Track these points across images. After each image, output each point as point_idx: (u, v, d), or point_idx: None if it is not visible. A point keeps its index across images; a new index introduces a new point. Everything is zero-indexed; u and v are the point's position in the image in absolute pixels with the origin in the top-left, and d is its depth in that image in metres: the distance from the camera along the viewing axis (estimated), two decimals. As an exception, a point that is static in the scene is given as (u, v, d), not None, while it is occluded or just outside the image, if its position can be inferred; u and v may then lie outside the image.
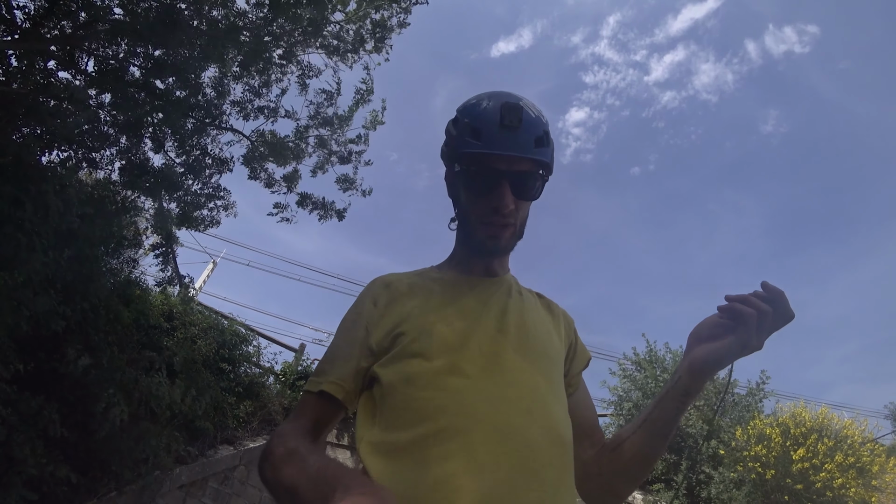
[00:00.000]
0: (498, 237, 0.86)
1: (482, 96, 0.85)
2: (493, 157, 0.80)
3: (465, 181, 0.86)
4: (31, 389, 3.39)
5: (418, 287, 0.87)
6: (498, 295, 0.86)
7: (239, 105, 5.66)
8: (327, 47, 5.55)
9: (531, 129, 0.80)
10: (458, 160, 0.85)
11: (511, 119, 0.78)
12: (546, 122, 0.84)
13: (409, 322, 0.79)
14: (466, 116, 0.84)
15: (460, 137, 0.83)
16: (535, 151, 0.80)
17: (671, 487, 6.93)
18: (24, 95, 4.14)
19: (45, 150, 4.29)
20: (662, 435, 0.79)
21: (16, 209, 3.30)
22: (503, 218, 0.83)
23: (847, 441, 6.76)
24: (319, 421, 0.79)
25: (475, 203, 0.85)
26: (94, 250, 3.96)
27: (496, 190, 0.81)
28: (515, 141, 0.79)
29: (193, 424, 4.69)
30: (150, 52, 4.77)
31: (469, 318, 0.80)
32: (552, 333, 0.87)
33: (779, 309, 0.72)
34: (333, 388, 0.78)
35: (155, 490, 4.19)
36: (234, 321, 6.58)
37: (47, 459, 3.33)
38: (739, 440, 7.02)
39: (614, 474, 0.83)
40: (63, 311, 3.59)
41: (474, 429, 0.66)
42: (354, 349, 0.81)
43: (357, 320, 0.84)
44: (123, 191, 4.89)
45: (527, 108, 0.81)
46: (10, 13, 4.15)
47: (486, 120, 0.80)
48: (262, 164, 5.99)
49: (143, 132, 4.91)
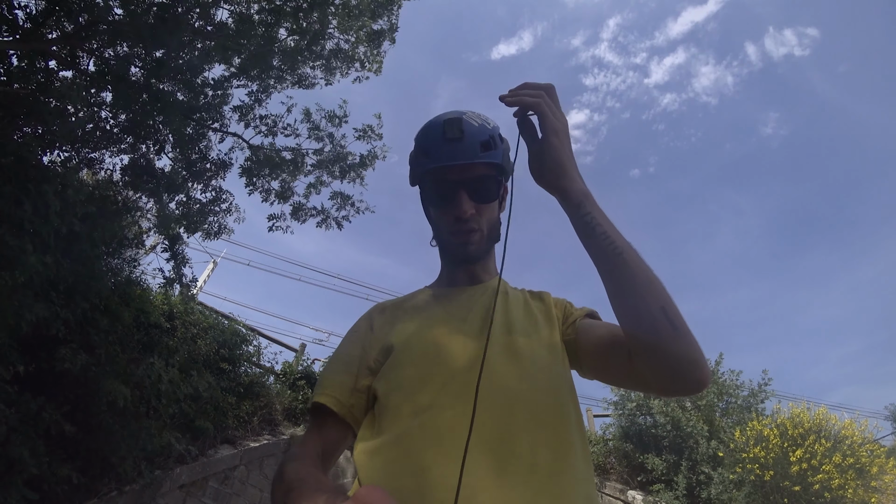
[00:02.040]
0: (467, 243, 0.89)
1: (427, 122, 0.91)
2: (443, 169, 0.85)
3: (428, 198, 0.92)
4: (31, 390, 3.39)
5: (409, 307, 0.92)
6: (483, 299, 0.88)
7: (239, 111, 5.68)
8: (324, 59, 5.61)
9: (475, 136, 0.85)
10: (419, 180, 0.92)
11: (452, 132, 0.84)
12: (493, 127, 0.88)
13: (398, 336, 0.83)
14: (417, 140, 0.91)
15: (415, 160, 0.90)
16: (483, 155, 0.84)
17: (671, 488, 6.94)
18: (25, 95, 4.14)
19: (45, 150, 4.30)
20: (591, 244, 0.73)
21: (16, 209, 3.31)
22: (466, 224, 0.87)
23: (846, 442, 6.75)
24: (326, 441, 0.79)
25: (440, 216, 0.90)
26: (95, 250, 3.96)
27: (453, 199, 0.86)
28: (461, 150, 0.84)
29: (194, 424, 4.69)
30: (151, 52, 4.78)
31: (452, 323, 0.82)
32: (539, 321, 0.87)
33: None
34: (328, 400, 0.79)
35: (155, 490, 4.19)
36: (234, 321, 6.59)
37: (48, 459, 3.33)
38: (738, 441, 7.02)
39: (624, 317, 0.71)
40: (63, 315, 3.59)
41: (457, 425, 0.66)
42: (352, 366, 0.83)
43: (354, 341, 0.88)
44: (125, 191, 4.90)
45: (468, 119, 0.86)
46: (12, 13, 4.15)
47: (431, 137, 0.87)
48: (259, 175, 6.03)
49: (144, 133, 4.92)
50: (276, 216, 6.22)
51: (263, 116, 5.82)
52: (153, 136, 4.92)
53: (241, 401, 5.60)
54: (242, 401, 5.63)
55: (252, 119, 5.78)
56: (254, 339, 6.68)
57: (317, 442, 0.79)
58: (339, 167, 6.23)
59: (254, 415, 5.73)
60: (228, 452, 5.04)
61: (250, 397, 5.81)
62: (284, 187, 6.19)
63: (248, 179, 6.00)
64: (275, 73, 5.50)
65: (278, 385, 6.66)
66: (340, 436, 0.80)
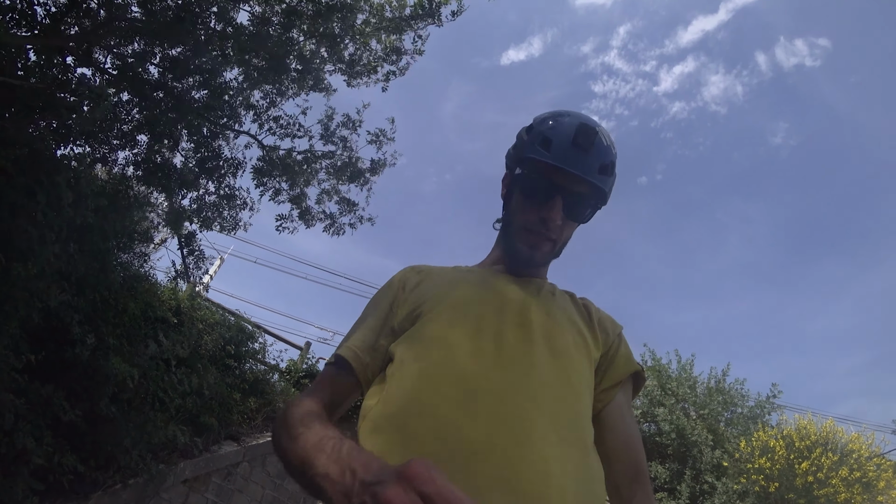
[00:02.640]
0: (537, 248, 0.86)
1: (562, 112, 0.87)
2: (556, 170, 0.81)
3: (523, 186, 0.87)
4: (40, 379, 3.43)
5: (448, 277, 0.88)
6: (527, 290, 0.85)
7: (254, 109, 5.73)
8: (342, 65, 5.64)
9: (600, 155, 0.81)
10: (522, 164, 0.87)
11: (584, 140, 0.80)
12: (615, 154, 0.85)
13: (429, 304, 0.80)
14: (542, 126, 0.86)
15: (531, 144, 0.85)
16: (598, 178, 0.82)
17: (675, 497, 6.88)
18: (42, 90, 4.21)
19: (60, 144, 4.35)
20: None
21: (29, 200, 3.35)
22: (548, 231, 0.84)
23: (853, 455, 6.67)
24: (334, 393, 0.79)
25: (525, 210, 0.87)
26: (106, 243, 4.01)
27: (549, 202, 0.83)
28: (583, 161, 0.80)
29: (198, 419, 4.71)
30: (167, 51, 4.83)
31: (490, 306, 0.79)
32: (583, 334, 0.84)
33: None
34: (347, 353, 0.79)
35: (158, 484, 4.21)
36: (240, 318, 6.62)
37: (54, 448, 3.36)
38: (743, 451, 6.95)
39: None
40: (76, 304, 3.64)
41: (476, 412, 0.64)
42: (378, 323, 0.82)
43: (384, 298, 0.86)
44: (137, 185, 4.95)
45: (601, 135, 0.82)
46: (31, 9, 4.22)
47: (560, 134, 0.82)
48: (271, 176, 6.07)
49: (159, 130, 4.98)
50: (284, 216, 6.26)
51: (277, 117, 5.86)
52: (168, 134, 4.97)
53: (245, 397, 5.62)
54: (247, 397, 5.65)
55: (266, 120, 5.82)
56: (259, 336, 6.71)
57: (327, 391, 0.78)
58: (350, 172, 6.27)
59: (258, 412, 5.75)
60: (232, 449, 5.06)
61: (255, 394, 5.83)
62: (298, 193, 6.24)
63: (258, 180, 6.05)
64: (291, 77, 5.54)
65: (283, 383, 6.68)
66: (350, 392, 0.80)
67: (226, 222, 5.83)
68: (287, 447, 0.63)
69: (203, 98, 5.09)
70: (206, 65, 4.81)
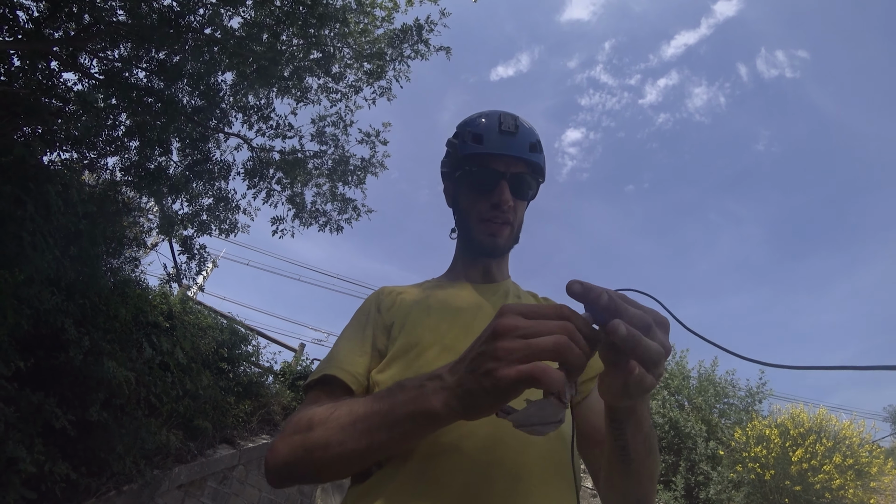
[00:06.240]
0: (496, 235, 0.90)
1: (479, 112, 0.94)
2: (493, 157, 0.88)
3: (467, 182, 0.92)
4: (31, 386, 3.40)
5: (417, 296, 0.90)
6: (494, 299, 0.88)
7: (243, 111, 5.70)
8: (333, 76, 5.64)
9: (526, 136, 0.89)
10: (460, 164, 0.92)
11: (508, 125, 0.87)
12: (538, 135, 0.92)
13: (405, 328, 0.81)
14: (468, 127, 0.92)
15: (463, 143, 0.91)
16: (532, 155, 0.89)
17: (670, 489, 6.93)
18: (26, 96, 4.16)
19: (46, 150, 4.31)
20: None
21: (17, 208, 3.32)
22: (503, 214, 0.89)
23: (846, 442, 6.76)
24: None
25: (475, 202, 0.91)
26: (95, 248, 3.98)
27: (496, 188, 0.87)
28: (513, 144, 0.87)
29: (192, 424, 4.69)
30: (154, 54, 4.80)
31: (461, 321, 0.81)
32: None
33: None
34: (345, 376, 0.75)
35: (154, 489, 4.18)
36: (233, 320, 6.59)
37: (46, 457, 3.33)
38: (738, 441, 7.02)
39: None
40: (67, 308, 3.61)
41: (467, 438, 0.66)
42: (366, 346, 0.82)
43: (365, 322, 0.86)
44: (126, 191, 4.92)
45: (521, 119, 0.90)
46: (13, 14, 4.18)
47: (486, 127, 0.89)
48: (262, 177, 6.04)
49: (148, 135, 4.94)
50: (280, 219, 6.22)
51: (267, 117, 5.83)
52: (157, 138, 4.94)
53: (240, 400, 5.60)
54: (241, 400, 5.63)
55: (256, 121, 5.80)
56: (253, 339, 6.69)
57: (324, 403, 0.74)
58: (341, 170, 6.26)
59: (253, 415, 5.73)
60: (227, 452, 5.04)
61: (249, 397, 5.81)
62: (291, 193, 6.21)
63: (249, 181, 6.01)
64: (281, 84, 5.51)
65: (277, 385, 6.66)
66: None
67: (223, 225, 5.80)
68: (331, 427, 0.61)
69: (193, 102, 5.06)
70: (196, 69, 4.78)
